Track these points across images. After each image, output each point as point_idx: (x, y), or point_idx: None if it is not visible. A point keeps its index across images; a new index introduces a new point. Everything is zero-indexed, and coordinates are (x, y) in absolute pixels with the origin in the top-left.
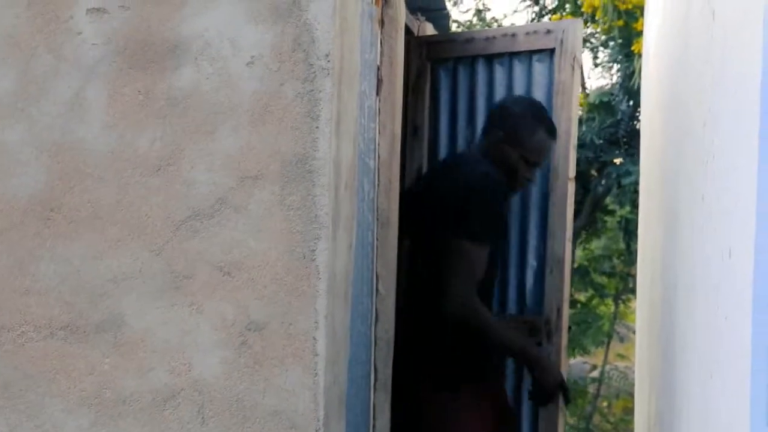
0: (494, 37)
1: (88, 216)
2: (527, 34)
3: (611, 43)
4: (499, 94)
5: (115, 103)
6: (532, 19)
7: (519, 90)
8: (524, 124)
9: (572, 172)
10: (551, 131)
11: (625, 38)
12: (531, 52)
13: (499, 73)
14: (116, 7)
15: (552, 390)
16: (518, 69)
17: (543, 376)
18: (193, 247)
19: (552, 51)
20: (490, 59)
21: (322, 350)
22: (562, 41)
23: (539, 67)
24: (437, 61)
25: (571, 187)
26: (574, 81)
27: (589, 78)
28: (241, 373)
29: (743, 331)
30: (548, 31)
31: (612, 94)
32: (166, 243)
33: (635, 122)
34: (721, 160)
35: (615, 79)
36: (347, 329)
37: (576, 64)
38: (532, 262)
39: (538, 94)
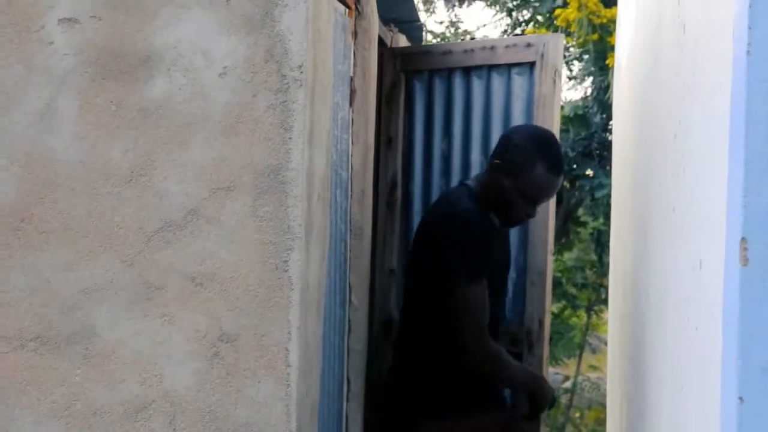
0: (473, 50)
1: (59, 227)
2: (507, 47)
3: (586, 57)
4: (477, 105)
5: (86, 114)
6: (505, 32)
7: (497, 102)
8: (524, 156)
9: None
10: (554, 167)
11: (599, 52)
12: (510, 65)
13: (477, 85)
14: (88, 17)
15: (546, 406)
16: (497, 81)
17: (541, 396)
18: (165, 258)
19: (532, 64)
20: (468, 71)
21: (294, 361)
22: (543, 55)
23: (519, 80)
24: (412, 72)
25: (552, 200)
26: (555, 94)
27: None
28: (213, 384)
29: (713, 343)
30: (529, 45)
31: (586, 107)
32: (138, 254)
33: (608, 135)
34: (692, 173)
35: (589, 92)
36: (320, 340)
37: (557, 77)
38: (512, 274)
39: (518, 107)
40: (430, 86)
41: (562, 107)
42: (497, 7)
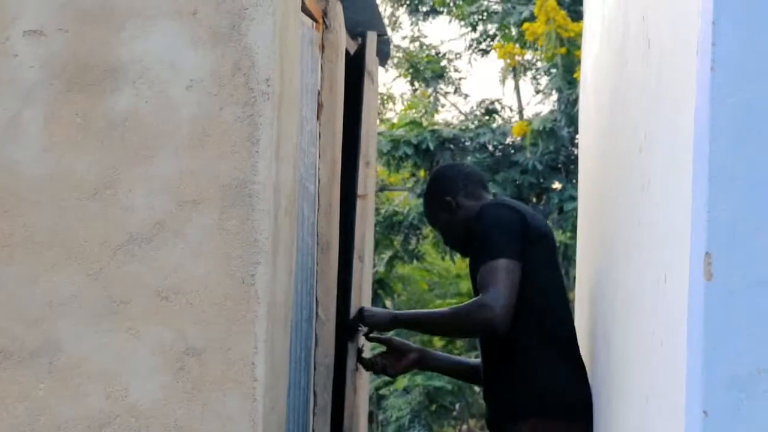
0: None
1: (23, 240)
2: None
3: (554, 71)
4: None
5: (52, 126)
6: (470, 46)
7: None
8: None
9: (361, 190)
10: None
11: (567, 66)
12: None
13: None
14: (54, 29)
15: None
16: None
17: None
18: (130, 272)
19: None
20: None
21: (261, 375)
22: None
23: None
24: None
25: (362, 206)
26: (371, 96)
27: (528, 104)
28: (179, 398)
29: (678, 356)
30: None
31: (555, 120)
32: (104, 267)
33: (576, 149)
34: (657, 187)
35: (555, 105)
36: (287, 354)
37: (370, 77)
38: None
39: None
40: None
41: (530, 122)
42: (462, 22)
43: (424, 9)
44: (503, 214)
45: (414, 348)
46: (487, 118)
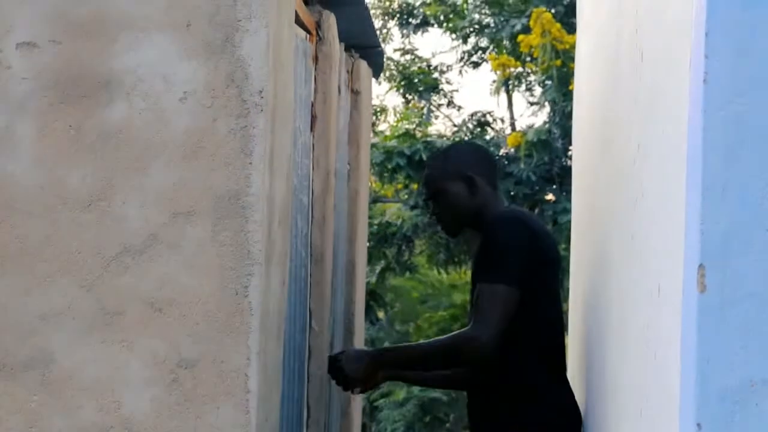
0: None
1: (16, 252)
2: None
3: (548, 83)
4: None
5: (45, 138)
6: (461, 59)
7: None
8: None
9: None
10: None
11: (562, 77)
12: None
13: None
14: (47, 41)
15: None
16: None
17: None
18: (124, 284)
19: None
20: None
21: (254, 387)
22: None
23: None
24: None
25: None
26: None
27: (520, 116)
28: (172, 410)
29: (672, 369)
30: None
31: (549, 132)
32: (97, 279)
33: (570, 160)
34: (650, 199)
35: (550, 117)
36: (280, 366)
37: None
38: None
39: None
40: None
41: (525, 133)
42: (454, 35)
43: (415, 22)
44: (518, 231)
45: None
46: (479, 130)
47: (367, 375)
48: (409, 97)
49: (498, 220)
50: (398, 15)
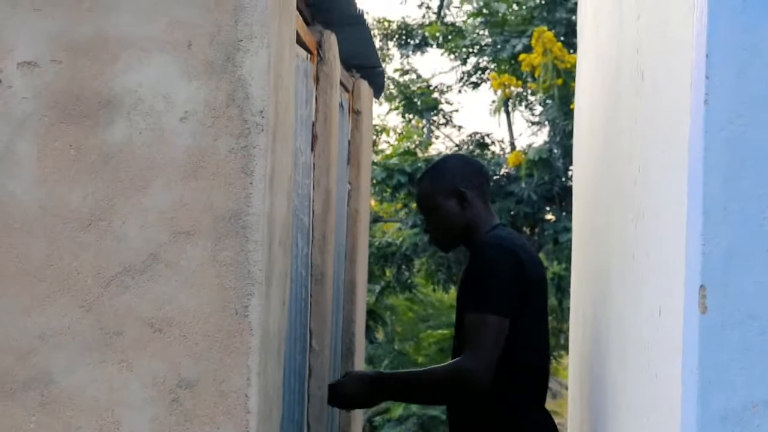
0: None
1: (16, 271)
2: None
3: (549, 102)
4: None
5: (45, 158)
6: (461, 79)
7: None
8: None
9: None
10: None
11: (563, 97)
12: None
13: None
14: (48, 61)
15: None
16: None
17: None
18: (123, 303)
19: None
20: None
21: (254, 408)
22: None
23: None
24: None
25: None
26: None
27: (520, 135)
28: (172, 431)
29: (673, 390)
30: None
31: (550, 151)
32: (97, 299)
33: (571, 180)
34: (651, 219)
35: (550, 136)
36: (280, 386)
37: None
38: None
39: None
40: None
41: (525, 152)
42: (452, 55)
43: (414, 42)
44: (505, 260)
45: (368, 372)
46: (478, 151)
47: (368, 399)
48: (409, 117)
49: (486, 247)
50: (397, 36)
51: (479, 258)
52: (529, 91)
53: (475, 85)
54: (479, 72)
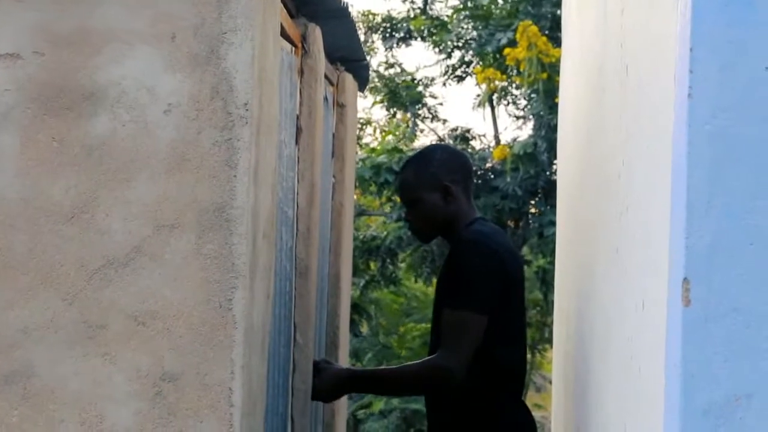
0: None
1: None
2: None
3: (534, 96)
4: None
5: (28, 151)
6: (446, 72)
7: None
8: None
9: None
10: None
11: (548, 91)
12: None
13: None
14: (30, 52)
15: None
16: None
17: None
18: (107, 297)
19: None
20: None
21: (238, 401)
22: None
23: None
24: None
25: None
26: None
27: (504, 129)
28: (155, 424)
29: (656, 383)
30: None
31: (535, 145)
32: (80, 292)
33: (555, 174)
34: (635, 213)
35: (535, 130)
36: (264, 380)
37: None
38: None
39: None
40: None
41: (510, 146)
42: (437, 48)
43: (399, 35)
44: (486, 257)
45: (343, 369)
46: (462, 146)
47: (335, 394)
48: (394, 111)
49: (466, 242)
50: (382, 29)
51: (459, 253)
52: (514, 85)
53: (460, 79)
54: (464, 66)
